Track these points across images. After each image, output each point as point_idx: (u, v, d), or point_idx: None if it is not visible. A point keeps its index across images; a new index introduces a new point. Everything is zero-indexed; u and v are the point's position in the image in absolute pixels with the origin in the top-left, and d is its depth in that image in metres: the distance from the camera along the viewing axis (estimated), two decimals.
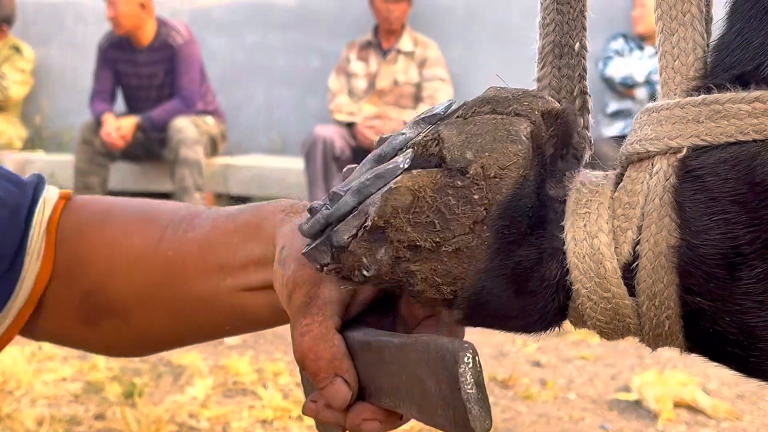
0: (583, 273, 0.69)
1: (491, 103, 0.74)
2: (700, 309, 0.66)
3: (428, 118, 0.77)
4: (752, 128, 0.63)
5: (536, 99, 0.74)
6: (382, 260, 0.73)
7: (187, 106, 6.65)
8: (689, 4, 0.68)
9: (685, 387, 3.48)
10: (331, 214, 0.75)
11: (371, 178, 0.73)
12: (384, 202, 0.71)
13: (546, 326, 0.74)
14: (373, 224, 0.72)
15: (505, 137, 0.71)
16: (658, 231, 0.66)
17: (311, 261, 0.78)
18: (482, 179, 0.70)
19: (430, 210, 0.71)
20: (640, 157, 0.69)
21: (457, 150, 0.71)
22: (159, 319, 0.97)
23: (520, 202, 0.70)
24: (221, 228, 0.93)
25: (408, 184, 0.71)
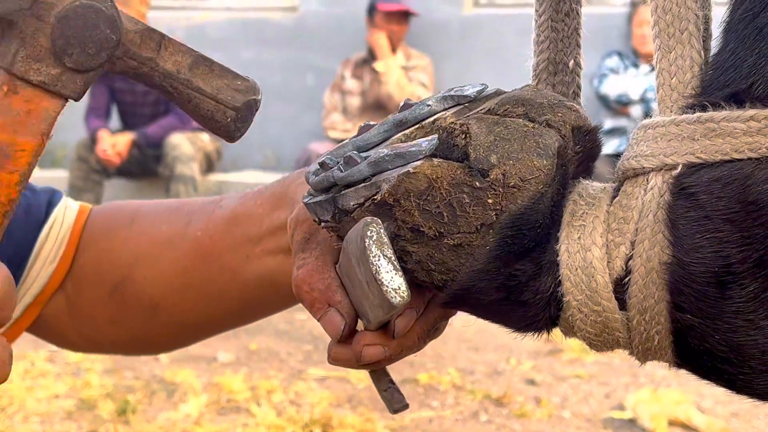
0: (574, 285, 0.69)
1: (525, 106, 0.73)
2: (690, 326, 0.66)
3: (457, 96, 0.76)
4: (747, 147, 0.63)
5: (570, 111, 0.74)
6: None
7: (182, 122, 6.66)
8: (687, 22, 0.68)
9: (679, 405, 3.48)
10: (343, 177, 0.75)
11: (392, 154, 0.73)
12: (399, 182, 0.71)
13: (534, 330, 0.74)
14: (382, 199, 0.72)
15: (533, 149, 0.71)
16: (650, 247, 0.66)
17: (310, 212, 0.78)
18: (501, 186, 0.70)
19: (442, 202, 0.71)
20: (636, 173, 0.69)
21: (483, 150, 0.71)
22: (190, 304, 0.98)
23: (532, 217, 0.70)
24: (248, 202, 0.95)
25: (427, 171, 0.71)
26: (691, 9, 0.68)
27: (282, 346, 4.28)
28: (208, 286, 0.96)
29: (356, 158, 0.75)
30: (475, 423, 3.54)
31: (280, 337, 4.44)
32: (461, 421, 3.56)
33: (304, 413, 3.52)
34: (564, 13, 0.81)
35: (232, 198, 0.98)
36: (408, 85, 6.50)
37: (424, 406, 3.67)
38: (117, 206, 1.06)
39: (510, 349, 4.18)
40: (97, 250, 1.01)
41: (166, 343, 1.07)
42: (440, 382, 3.88)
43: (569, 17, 0.82)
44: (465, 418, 3.57)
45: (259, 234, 0.92)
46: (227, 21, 7.82)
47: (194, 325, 1.01)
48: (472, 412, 3.63)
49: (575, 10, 0.82)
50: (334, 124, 6.62)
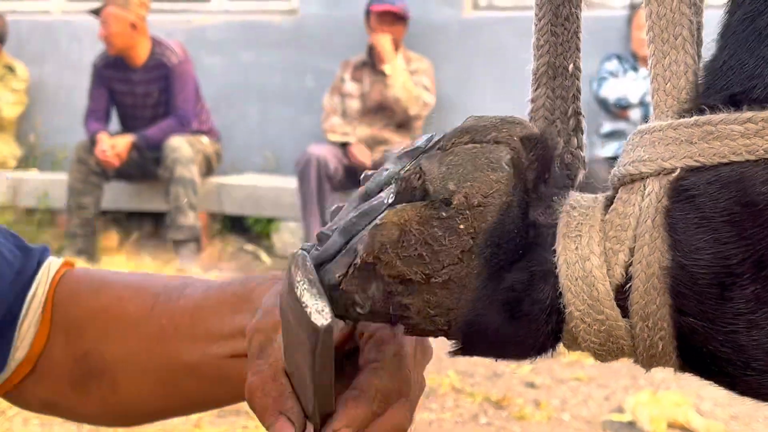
0: (576, 296, 0.69)
1: (470, 133, 0.74)
2: (693, 329, 0.66)
3: (410, 152, 0.77)
4: (745, 149, 0.63)
5: (515, 125, 0.75)
6: (374, 296, 0.73)
7: (182, 125, 6.66)
8: (681, 28, 0.68)
9: (678, 408, 3.48)
10: (319, 255, 0.76)
11: (357, 216, 0.74)
12: (371, 238, 0.72)
13: (541, 350, 0.73)
14: (362, 261, 0.72)
15: (485, 165, 0.71)
16: (650, 252, 0.67)
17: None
18: (466, 208, 0.70)
19: (418, 243, 0.71)
20: (633, 179, 0.69)
21: (440, 182, 0.72)
22: (147, 387, 0.99)
23: (506, 228, 0.71)
24: (212, 297, 0.96)
25: (393, 219, 0.72)
26: (685, 14, 0.68)
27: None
28: (167, 375, 0.98)
29: (327, 233, 0.76)
30: (474, 425, 3.54)
31: None
32: (461, 423, 3.56)
33: None
34: (563, 18, 0.82)
35: (196, 288, 0.99)
36: (414, 88, 6.50)
37: (424, 408, 3.68)
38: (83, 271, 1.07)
39: None
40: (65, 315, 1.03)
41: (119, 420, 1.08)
42: (440, 384, 3.88)
43: (569, 21, 0.82)
44: (464, 421, 3.57)
45: (220, 334, 0.93)
46: (227, 23, 7.83)
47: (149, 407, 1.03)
48: (472, 414, 3.63)
49: (575, 14, 0.82)
50: (333, 126, 6.62)
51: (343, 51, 7.08)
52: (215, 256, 6.60)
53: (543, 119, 0.82)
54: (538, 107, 0.83)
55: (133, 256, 6.48)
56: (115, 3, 6.57)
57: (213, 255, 6.62)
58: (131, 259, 6.35)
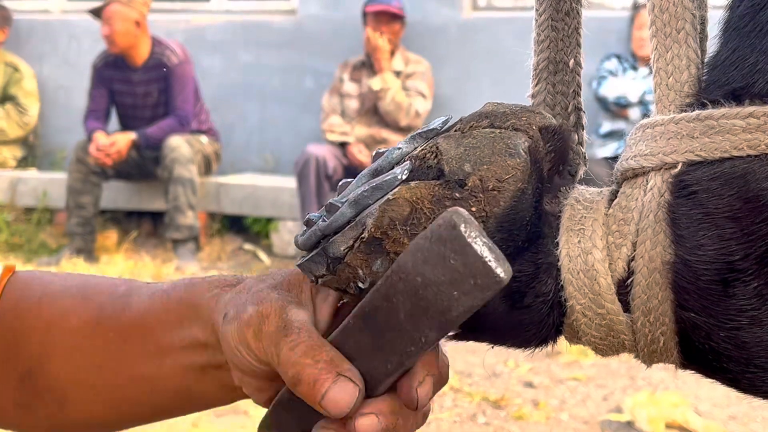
0: (577, 289, 0.69)
1: (489, 118, 0.74)
2: (695, 325, 0.66)
3: (425, 133, 0.77)
4: (746, 143, 0.63)
5: (534, 114, 0.75)
6: (378, 272, 0.72)
7: (181, 125, 6.66)
8: (683, 22, 0.68)
9: (677, 408, 3.48)
10: (327, 225, 0.75)
11: (369, 189, 0.73)
12: (382, 213, 0.71)
13: (541, 342, 0.73)
14: (369, 235, 0.71)
15: (503, 150, 0.71)
16: (652, 247, 0.66)
17: (306, 272, 0.77)
18: (480, 191, 0.70)
19: (428, 222, 0.70)
20: (635, 173, 0.69)
21: (456, 162, 0.71)
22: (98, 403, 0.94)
23: (518, 216, 0.70)
24: (157, 306, 0.90)
25: (406, 195, 0.71)
26: (688, 9, 0.68)
27: None
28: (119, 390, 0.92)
29: (336, 204, 0.75)
30: (473, 425, 3.54)
31: None
32: (459, 423, 3.55)
33: None
34: (564, 13, 0.82)
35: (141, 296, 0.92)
36: (405, 99, 6.48)
37: None
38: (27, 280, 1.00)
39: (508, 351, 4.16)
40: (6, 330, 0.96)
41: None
42: None
43: (569, 16, 0.82)
44: (463, 421, 3.57)
45: (171, 346, 0.88)
46: (226, 24, 7.82)
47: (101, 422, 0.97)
48: (470, 414, 3.63)
49: (575, 9, 0.82)
50: (332, 126, 6.62)
51: (342, 52, 7.08)
52: (214, 256, 6.60)
53: None
54: (539, 103, 0.82)
55: (131, 255, 6.48)
56: (120, 0, 6.56)
57: (212, 254, 6.61)
58: (130, 258, 6.34)
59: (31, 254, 6.52)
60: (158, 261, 6.25)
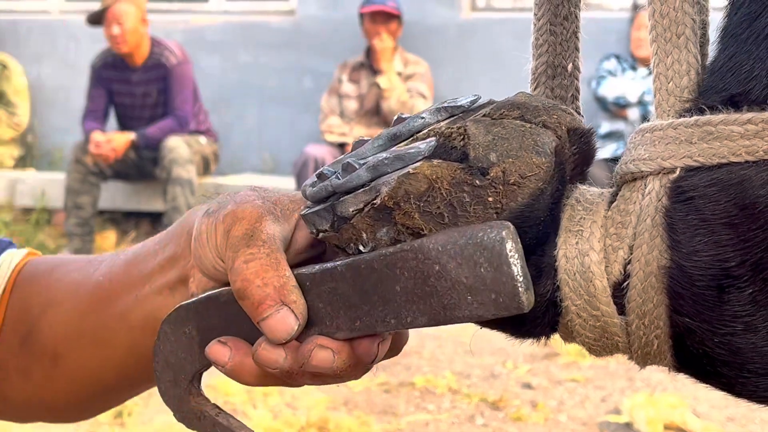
0: (573, 290, 0.69)
1: (521, 109, 0.74)
2: (690, 330, 0.66)
3: (451, 108, 0.77)
4: (744, 150, 0.63)
5: (565, 114, 0.75)
6: (381, 239, 0.73)
7: (180, 125, 6.66)
8: (684, 27, 0.68)
9: (675, 409, 3.48)
10: (341, 184, 0.75)
11: (391, 157, 0.73)
12: (399, 184, 0.71)
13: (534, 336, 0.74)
14: (382, 203, 0.72)
15: (531, 147, 0.71)
16: (649, 251, 0.67)
17: (308, 223, 0.77)
18: (501, 183, 0.70)
19: (443, 202, 0.71)
20: (634, 177, 0.69)
21: (482, 149, 0.71)
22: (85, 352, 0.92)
23: (532, 214, 0.70)
24: (149, 242, 0.89)
25: (426, 171, 0.71)
26: (688, 13, 0.68)
27: None
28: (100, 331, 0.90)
29: (354, 164, 0.75)
30: (471, 426, 3.54)
31: None
32: (457, 424, 3.56)
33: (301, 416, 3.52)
34: (563, 17, 0.82)
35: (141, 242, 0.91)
36: (409, 100, 6.50)
37: (421, 409, 3.68)
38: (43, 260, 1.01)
39: (506, 352, 4.18)
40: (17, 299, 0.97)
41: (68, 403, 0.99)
42: (436, 385, 3.88)
43: (568, 21, 0.82)
44: (461, 422, 3.57)
45: (151, 271, 0.86)
46: (225, 24, 7.83)
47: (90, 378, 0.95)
48: (469, 415, 3.63)
49: (574, 14, 0.82)
50: (331, 127, 6.62)
51: (340, 52, 7.08)
52: None
53: None
54: None
55: None
56: None
57: None
58: None
59: None
60: None
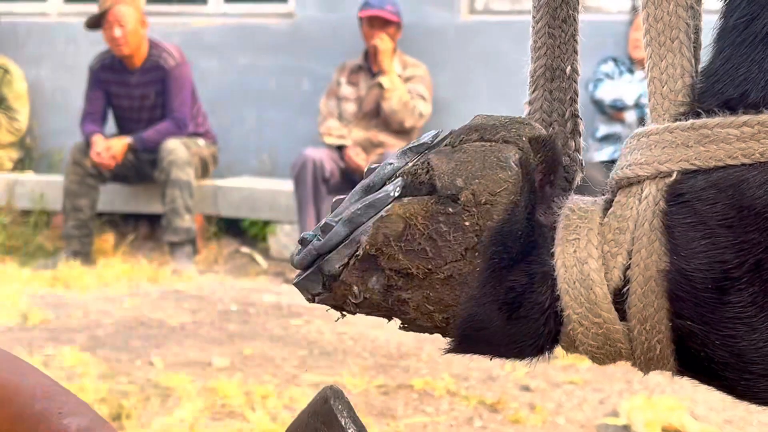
0: (573, 299, 0.70)
1: (479, 131, 0.74)
2: (691, 333, 0.66)
3: (416, 147, 0.77)
4: (740, 152, 0.63)
5: (523, 126, 0.75)
6: (373, 289, 0.73)
7: (178, 127, 6.65)
8: (678, 31, 0.69)
9: (673, 412, 3.48)
10: (323, 244, 0.75)
11: (362, 207, 0.74)
12: (376, 230, 0.72)
13: (538, 351, 0.74)
14: (364, 252, 0.72)
15: (494, 164, 0.71)
16: (648, 256, 0.67)
17: (302, 292, 0.78)
18: (473, 206, 0.71)
19: (422, 237, 0.71)
20: (630, 182, 0.69)
21: (448, 177, 0.72)
22: None
23: (512, 228, 0.71)
24: None
25: (399, 211, 0.72)
26: (682, 18, 0.69)
27: (277, 351, 4.28)
28: None
29: (331, 223, 0.76)
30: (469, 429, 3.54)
31: (274, 342, 4.44)
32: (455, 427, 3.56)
33: None
34: (561, 20, 0.82)
35: None
36: (410, 100, 6.50)
37: (419, 411, 3.68)
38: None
39: None
40: None
41: None
42: (435, 387, 3.88)
43: (566, 23, 0.82)
44: (459, 424, 3.57)
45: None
46: (223, 27, 7.83)
47: None
48: (467, 418, 3.63)
49: (572, 17, 0.82)
50: (329, 129, 6.62)
51: (339, 54, 7.08)
52: (211, 259, 6.60)
53: (540, 122, 0.83)
54: (536, 110, 0.83)
55: (128, 258, 6.47)
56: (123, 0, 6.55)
57: (209, 257, 6.61)
58: (127, 261, 6.34)
59: (28, 257, 6.52)
60: (155, 264, 6.25)
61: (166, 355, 4.21)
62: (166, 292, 5.52)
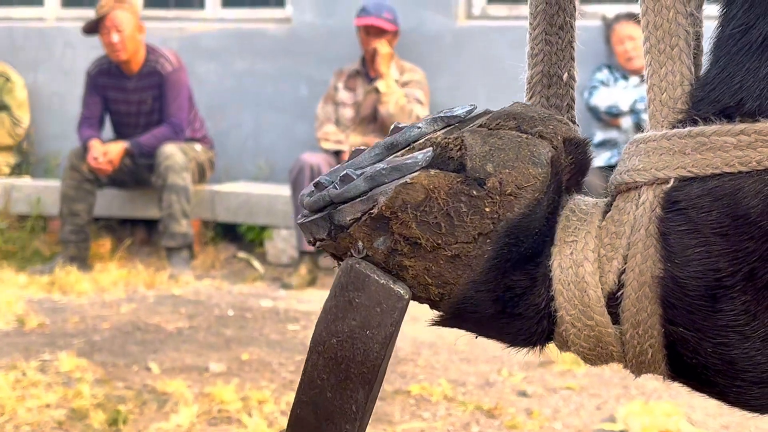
0: (567, 300, 0.70)
1: (517, 119, 0.74)
2: (683, 339, 0.67)
3: (447, 117, 0.77)
4: (737, 160, 0.63)
5: (561, 124, 0.75)
6: (377, 249, 0.73)
7: (175, 132, 6.66)
8: (677, 38, 0.69)
9: (670, 418, 3.48)
10: (339, 194, 0.75)
11: (388, 168, 0.74)
12: (396, 194, 0.72)
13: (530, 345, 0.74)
14: (379, 212, 0.72)
15: (527, 157, 0.72)
16: (642, 261, 0.67)
17: (305, 233, 0.78)
18: (498, 194, 0.71)
19: (440, 212, 0.71)
20: (628, 187, 0.69)
21: (479, 160, 0.72)
22: None
23: (529, 224, 0.71)
24: None
25: (424, 182, 0.72)
26: (681, 25, 0.69)
27: (274, 356, 4.28)
28: None
29: (352, 175, 0.76)
30: None
31: (271, 347, 4.43)
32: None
33: None
34: (558, 27, 0.82)
35: None
36: (407, 105, 6.51)
37: (416, 417, 3.67)
38: None
39: (501, 360, 4.18)
40: None
41: None
42: (432, 393, 3.88)
43: (563, 30, 0.82)
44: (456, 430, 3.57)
45: None
46: (221, 32, 7.83)
47: None
48: (464, 423, 3.63)
49: (569, 24, 0.83)
50: (327, 134, 6.63)
51: (336, 60, 7.08)
52: (208, 264, 6.60)
53: None
54: None
55: (125, 263, 6.47)
56: (121, 5, 6.55)
57: (206, 262, 6.61)
58: (123, 266, 6.34)
59: (25, 262, 6.52)
60: (152, 269, 6.24)
61: (163, 360, 4.21)
62: (162, 297, 5.52)
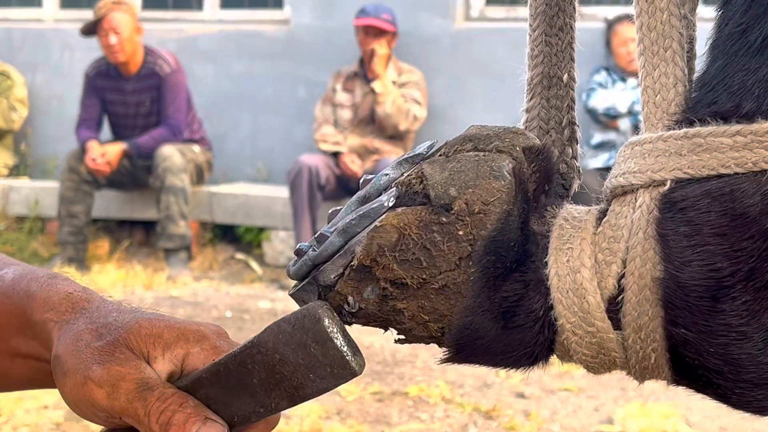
0: (566, 308, 0.70)
1: (473, 141, 0.75)
2: (686, 341, 0.67)
3: (411, 158, 0.77)
4: (733, 161, 0.64)
5: (517, 135, 0.75)
6: (369, 299, 0.73)
7: (173, 134, 6.66)
8: (671, 41, 0.69)
9: (667, 419, 3.49)
10: (318, 255, 0.76)
11: (357, 217, 0.74)
12: (370, 240, 0.72)
13: (533, 361, 0.74)
14: (359, 262, 0.73)
15: (488, 173, 0.72)
16: (642, 264, 0.67)
17: (298, 301, 0.78)
18: (467, 215, 0.71)
19: (416, 247, 0.72)
20: (624, 191, 0.69)
21: (441, 187, 0.72)
22: None
23: (505, 237, 0.71)
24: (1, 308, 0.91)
25: (393, 222, 0.72)
26: (675, 27, 0.69)
27: None
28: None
29: (326, 233, 0.76)
30: None
31: None
32: None
33: (294, 425, 3.52)
34: (558, 28, 0.82)
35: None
36: (404, 104, 6.51)
37: (414, 418, 3.68)
38: None
39: None
40: None
41: None
42: (430, 394, 3.88)
43: (563, 31, 0.82)
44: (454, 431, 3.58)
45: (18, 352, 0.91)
46: (219, 33, 7.83)
47: None
48: (462, 424, 3.63)
49: (569, 25, 0.83)
50: (325, 136, 6.63)
51: (334, 61, 7.09)
52: (206, 265, 6.60)
53: (538, 129, 0.83)
54: (533, 117, 0.83)
55: (123, 264, 6.47)
56: (119, 7, 6.55)
57: (204, 264, 6.61)
58: (122, 267, 6.34)
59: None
60: (150, 270, 6.24)
61: None
62: (160, 298, 5.52)
